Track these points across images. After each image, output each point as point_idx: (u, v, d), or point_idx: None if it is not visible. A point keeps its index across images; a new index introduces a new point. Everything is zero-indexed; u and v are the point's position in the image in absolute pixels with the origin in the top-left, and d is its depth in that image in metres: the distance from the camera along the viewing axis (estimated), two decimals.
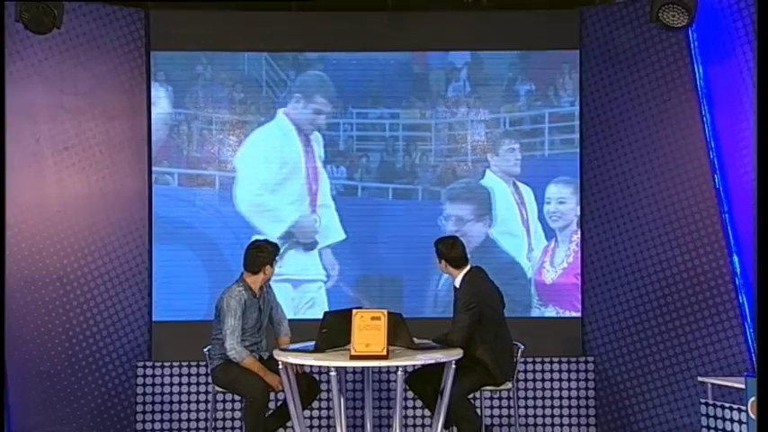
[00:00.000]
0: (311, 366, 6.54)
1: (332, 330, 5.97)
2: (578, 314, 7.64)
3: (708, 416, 5.89)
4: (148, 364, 7.50)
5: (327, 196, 7.73)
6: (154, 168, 7.61)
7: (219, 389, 6.47)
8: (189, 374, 7.51)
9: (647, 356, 7.42)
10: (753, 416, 5.34)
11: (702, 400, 6.03)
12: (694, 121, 7.28)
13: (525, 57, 7.73)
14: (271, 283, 6.58)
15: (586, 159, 7.68)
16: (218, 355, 6.38)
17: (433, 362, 6.05)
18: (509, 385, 6.41)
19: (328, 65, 7.74)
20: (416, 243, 7.48)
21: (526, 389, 7.56)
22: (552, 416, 7.58)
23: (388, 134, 7.76)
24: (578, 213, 7.67)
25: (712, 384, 6.43)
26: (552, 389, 7.58)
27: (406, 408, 7.34)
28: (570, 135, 7.68)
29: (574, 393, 7.59)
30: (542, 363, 7.59)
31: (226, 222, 7.67)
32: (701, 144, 7.24)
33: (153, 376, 7.49)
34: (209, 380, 6.62)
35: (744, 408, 5.53)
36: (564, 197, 7.72)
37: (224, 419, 7.44)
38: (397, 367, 5.77)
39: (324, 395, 7.00)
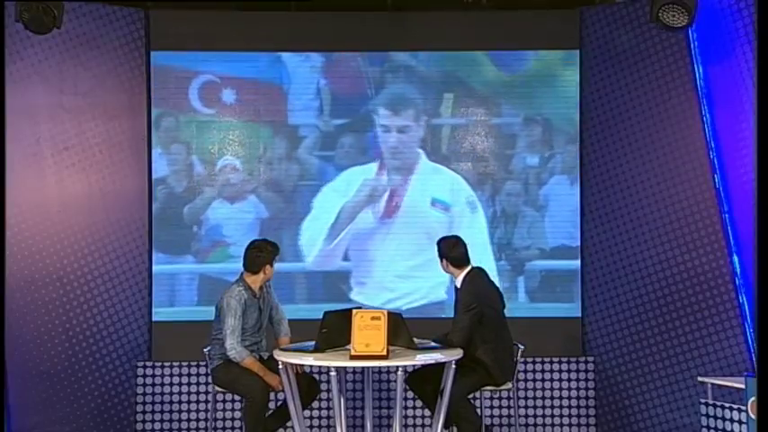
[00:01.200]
0: (311, 366, 6.54)
1: (332, 330, 5.96)
2: (578, 314, 7.64)
3: (708, 416, 5.88)
4: (148, 364, 7.50)
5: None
6: (155, 169, 7.62)
7: (219, 389, 6.46)
8: (189, 374, 7.51)
9: (647, 356, 7.42)
10: (753, 416, 5.34)
11: (702, 400, 6.02)
12: (694, 121, 7.28)
13: (525, 57, 7.72)
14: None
15: (586, 159, 7.68)
16: (218, 356, 6.38)
17: (432, 362, 6.05)
18: (509, 385, 6.41)
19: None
20: None
21: (526, 389, 7.56)
22: (552, 416, 7.58)
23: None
24: (578, 213, 7.66)
25: (712, 384, 6.43)
26: (552, 389, 7.58)
27: (406, 408, 7.34)
28: (572, 136, 7.67)
29: (574, 393, 7.58)
30: (542, 363, 7.59)
31: (227, 222, 7.67)
32: (701, 144, 7.23)
33: (153, 376, 7.49)
34: (209, 380, 6.62)
35: (744, 408, 5.52)
36: (564, 198, 7.71)
37: (224, 419, 7.44)
38: (397, 367, 5.77)
39: (324, 395, 7.00)
